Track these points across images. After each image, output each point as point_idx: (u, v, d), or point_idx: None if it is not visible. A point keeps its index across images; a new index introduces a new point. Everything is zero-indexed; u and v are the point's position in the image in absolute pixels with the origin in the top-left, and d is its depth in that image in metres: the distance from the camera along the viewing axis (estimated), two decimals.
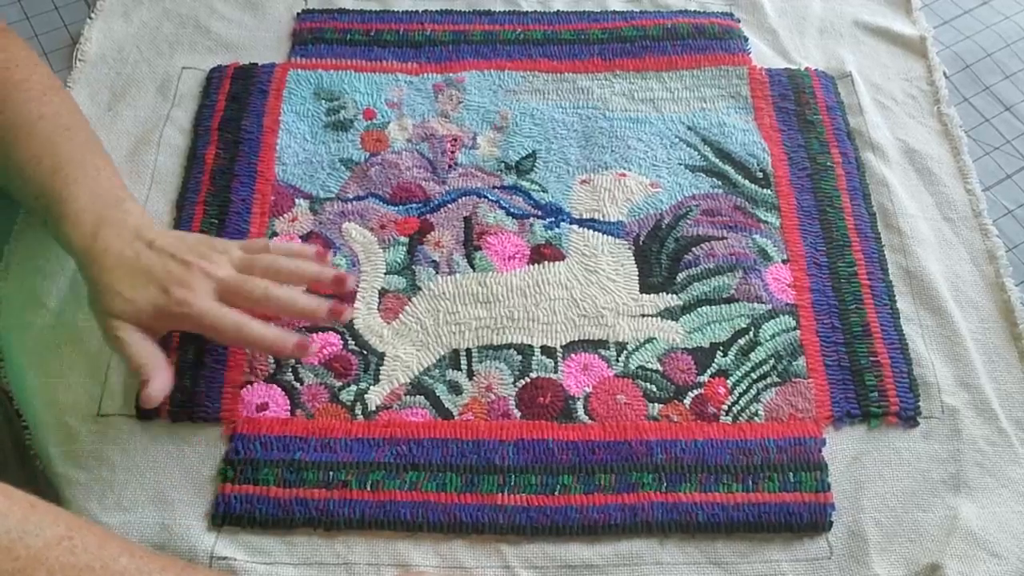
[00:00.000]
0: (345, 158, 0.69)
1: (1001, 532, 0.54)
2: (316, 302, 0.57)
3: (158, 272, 0.55)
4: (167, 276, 0.55)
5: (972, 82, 0.76)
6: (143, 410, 0.57)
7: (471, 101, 0.72)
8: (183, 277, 0.55)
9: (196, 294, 0.54)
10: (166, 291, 0.54)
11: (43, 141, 0.59)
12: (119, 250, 0.55)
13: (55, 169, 0.58)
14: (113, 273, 0.54)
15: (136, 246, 0.56)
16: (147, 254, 0.55)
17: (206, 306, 0.54)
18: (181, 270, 0.55)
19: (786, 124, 0.71)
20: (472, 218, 0.66)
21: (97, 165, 0.59)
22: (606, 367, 0.60)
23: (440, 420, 0.58)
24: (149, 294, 0.54)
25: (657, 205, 0.67)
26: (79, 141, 0.60)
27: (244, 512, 0.54)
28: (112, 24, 0.77)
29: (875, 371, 0.59)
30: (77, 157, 0.59)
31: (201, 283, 0.55)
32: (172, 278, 0.55)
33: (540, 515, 0.54)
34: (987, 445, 0.57)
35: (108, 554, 0.44)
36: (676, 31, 0.76)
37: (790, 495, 0.55)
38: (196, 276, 0.55)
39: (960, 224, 0.67)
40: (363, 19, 0.77)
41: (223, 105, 0.71)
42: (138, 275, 0.55)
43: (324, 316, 0.57)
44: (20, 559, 0.41)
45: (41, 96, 0.61)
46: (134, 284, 0.54)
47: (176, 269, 0.55)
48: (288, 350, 0.56)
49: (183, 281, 0.55)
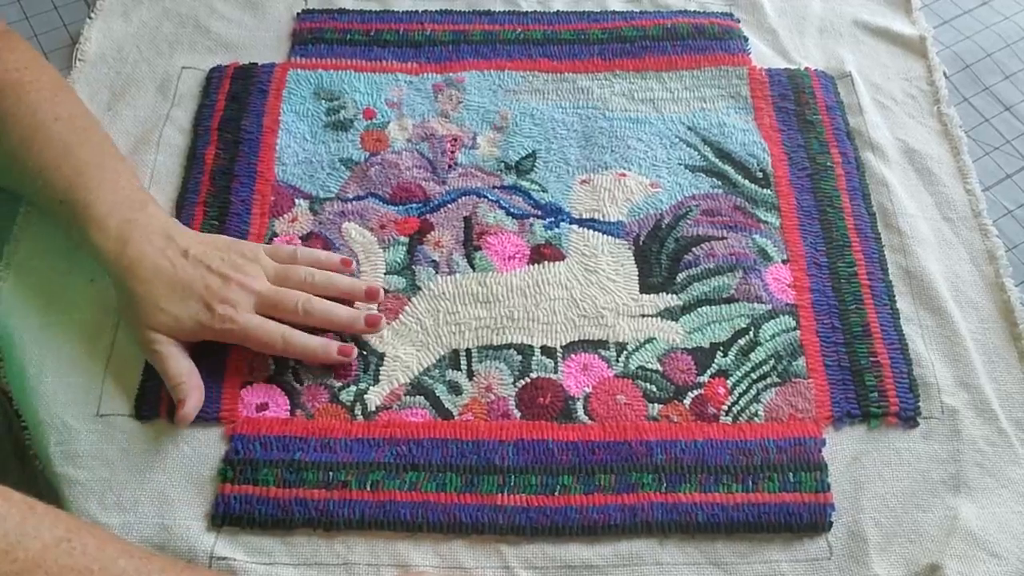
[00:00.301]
0: (345, 158, 0.69)
1: (1001, 532, 0.54)
2: (353, 314, 0.59)
3: (198, 287, 0.56)
4: (207, 292, 0.56)
5: (972, 82, 0.76)
6: (143, 410, 0.57)
7: (471, 101, 0.72)
8: (224, 293, 0.56)
9: (239, 310, 0.56)
10: (209, 308, 0.55)
11: (61, 145, 0.59)
12: (153, 260, 0.56)
13: (76, 173, 0.58)
14: (151, 285, 0.55)
15: (170, 255, 0.56)
16: (183, 265, 0.56)
17: (252, 322, 0.56)
18: (220, 284, 0.56)
19: (786, 124, 0.71)
20: (472, 218, 0.66)
21: (116, 168, 0.60)
22: (606, 367, 0.60)
23: (440, 420, 0.58)
24: (191, 310, 0.55)
25: (657, 205, 0.67)
26: (95, 142, 0.61)
27: (244, 512, 0.54)
28: (112, 24, 0.77)
29: (875, 371, 0.59)
30: (96, 160, 0.59)
31: (242, 298, 0.56)
32: (213, 294, 0.56)
33: (540, 515, 0.54)
34: (987, 445, 0.57)
35: (107, 556, 0.44)
36: (676, 31, 0.76)
37: (790, 495, 0.55)
38: (236, 291, 0.56)
39: (960, 224, 0.67)
40: (363, 19, 0.77)
41: (223, 105, 0.71)
42: (178, 289, 0.56)
43: (362, 327, 0.58)
44: (18, 562, 0.41)
45: (53, 97, 0.61)
46: (175, 298, 0.55)
47: (215, 283, 0.56)
48: (333, 357, 0.58)
49: (224, 297, 0.56)
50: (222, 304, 0.56)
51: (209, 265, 0.57)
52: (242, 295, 0.56)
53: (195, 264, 0.56)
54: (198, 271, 0.56)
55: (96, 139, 0.61)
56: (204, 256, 0.57)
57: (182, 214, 0.65)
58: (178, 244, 0.57)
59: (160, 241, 0.57)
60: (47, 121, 0.59)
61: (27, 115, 0.59)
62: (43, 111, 0.60)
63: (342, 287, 0.60)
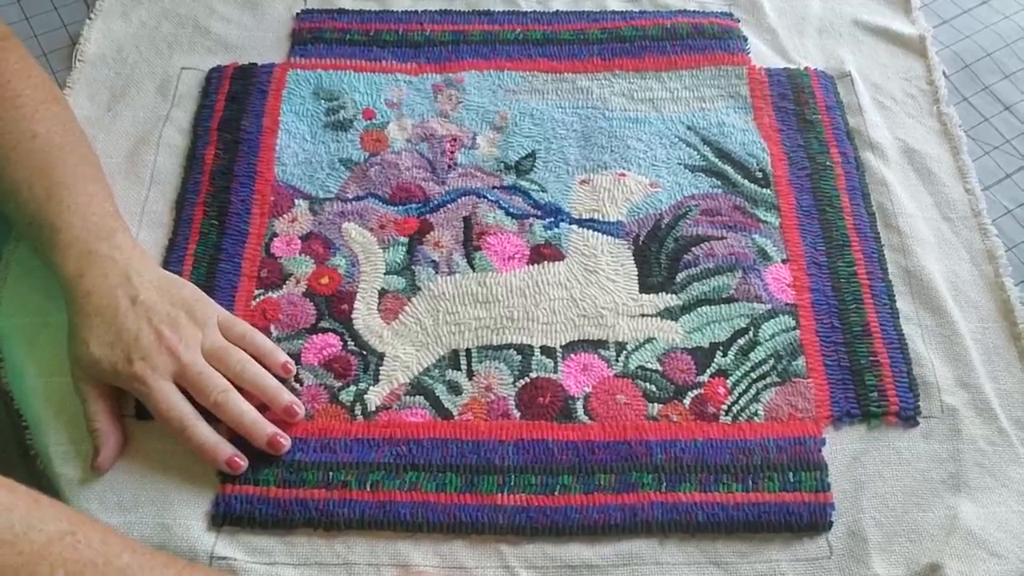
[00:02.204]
0: (345, 158, 0.69)
1: (1001, 532, 0.54)
2: (261, 426, 0.55)
3: (128, 337, 0.54)
4: (135, 344, 0.54)
5: (971, 81, 0.76)
6: (143, 410, 0.57)
7: (470, 101, 0.72)
8: (148, 350, 0.54)
9: (156, 373, 0.54)
10: (129, 360, 0.54)
11: (36, 163, 0.58)
12: (101, 298, 0.55)
13: (47, 195, 0.57)
14: (89, 320, 0.54)
15: (119, 296, 0.55)
16: (127, 311, 0.55)
17: (161, 392, 0.54)
18: (150, 341, 0.54)
19: (785, 124, 0.71)
20: (472, 218, 0.66)
21: (90, 191, 0.59)
22: (606, 367, 0.60)
23: (440, 420, 0.58)
24: (114, 355, 0.54)
25: (656, 205, 0.67)
26: (72, 162, 0.60)
27: (244, 512, 0.54)
28: (111, 24, 0.77)
29: (875, 371, 0.59)
30: (70, 181, 0.58)
31: (164, 362, 0.54)
32: (138, 348, 0.54)
33: (540, 515, 0.54)
34: (987, 445, 0.57)
35: (111, 550, 0.44)
36: (675, 31, 0.76)
37: (790, 495, 0.55)
38: (161, 354, 0.54)
39: (959, 224, 0.67)
40: (362, 19, 0.77)
41: (222, 105, 0.71)
42: (111, 332, 0.54)
43: (262, 442, 0.55)
44: (24, 554, 0.41)
45: (34, 113, 0.60)
46: (104, 340, 0.54)
47: (146, 339, 0.54)
48: (220, 464, 0.54)
49: (147, 355, 0.54)
50: (141, 362, 0.54)
51: (150, 318, 0.55)
52: (166, 359, 0.54)
53: (138, 314, 0.55)
54: (138, 322, 0.54)
55: (73, 159, 0.60)
56: (151, 306, 0.55)
57: (182, 214, 0.66)
58: (132, 286, 0.56)
59: (116, 279, 0.55)
60: (24, 139, 0.59)
61: (4, 132, 0.59)
62: (21, 128, 0.59)
63: (267, 391, 0.56)
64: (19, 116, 0.59)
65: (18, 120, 0.59)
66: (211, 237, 0.65)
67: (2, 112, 0.59)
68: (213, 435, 0.55)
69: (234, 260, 0.64)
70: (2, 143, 0.58)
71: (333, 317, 0.62)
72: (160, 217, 0.66)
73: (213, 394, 0.55)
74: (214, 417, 0.55)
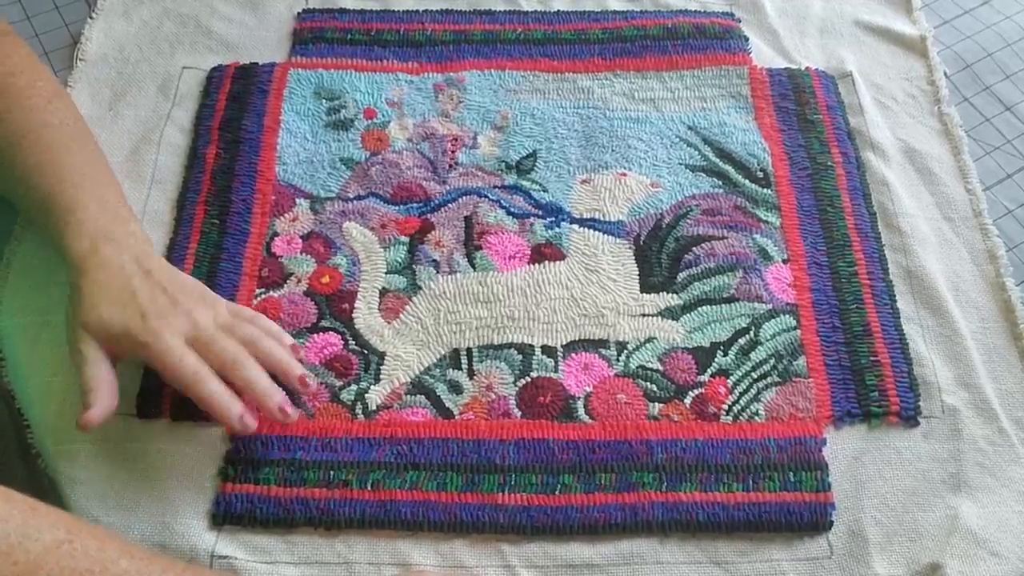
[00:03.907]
0: (346, 157, 0.69)
1: (1001, 532, 0.54)
2: (272, 392, 0.55)
3: (143, 298, 0.54)
4: (150, 304, 0.54)
5: (972, 82, 0.76)
6: (144, 409, 0.57)
7: (471, 101, 0.72)
8: (164, 311, 0.54)
9: (170, 330, 0.53)
10: (144, 316, 0.53)
11: (49, 150, 0.58)
12: (114, 267, 0.54)
13: (59, 179, 0.57)
14: (99, 286, 0.54)
15: (132, 269, 0.55)
16: (140, 278, 0.55)
17: (172, 345, 0.53)
18: (166, 302, 0.54)
19: (786, 124, 0.71)
20: (473, 217, 0.66)
21: (103, 181, 0.59)
22: (606, 367, 0.60)
23: (440, 419, 0.58)
24: (124, 315, 0.53)
25: (657, 205, 0.67)
26: (86, 152, 0.60)
27: (245, 511, 0.54)
28: (113, 24, 0.77)
29: (875, 371, 0.59)
30: (83, 168, 0.58)
31: (180, 323, 0.54)
32: (155, 308, 0.54)
33: (541, 514, 0.54)
34: (987, 445, 0.57)
35: (108, 557, 0.44)
36: (676, 31, 0.76)
37: (790, 494, 0.55)
38: (178, 315, 0.54)
39: (960, 224, 0.67)
40: (363, 19, 0.77)
41: (224, 105, 0.71)
42: (124, 295, 0.54)
43: (273, 410, 0.54)
44: (19, 564, 0.41)
45: (46, 104, 0.60)
46: (115, 304, 0.53)
47: (161, 300, 0.54)
48: (232, 421, 0.53)
49: (163, 313, 0.54)
50: (157, 319, 0.53)
51: (165, 288, 0.55)
52: (182, 321, 0.54)
53: (152, 282, 0.55)
54: (151, 288, 0.55)
55: (87, 150, 0.60)
56: (165, 280, 0.55)
57: (183, 214, 0.66)
58: (146, 264, 0.56)
59: (129, 256, 0.55)
60: (38, 127, 0.59)
61: (18, 119, 0.59)
62: (33, 118, 0.59)
63: (281, 363, 0.56)
64: (31, 106, 0.59)
65: (31, 110, 0.59)
66: (212, 236, 0.65)
67: (15, 101, 0.59)
68: (226, 389, 0.54)
69: (235, 259, 0.64)
70: (15, 130, 0.58)
71: (334, 316, 0.62)
72: (161, 216, 0.66)
73: (228, 354, 0.54)
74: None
